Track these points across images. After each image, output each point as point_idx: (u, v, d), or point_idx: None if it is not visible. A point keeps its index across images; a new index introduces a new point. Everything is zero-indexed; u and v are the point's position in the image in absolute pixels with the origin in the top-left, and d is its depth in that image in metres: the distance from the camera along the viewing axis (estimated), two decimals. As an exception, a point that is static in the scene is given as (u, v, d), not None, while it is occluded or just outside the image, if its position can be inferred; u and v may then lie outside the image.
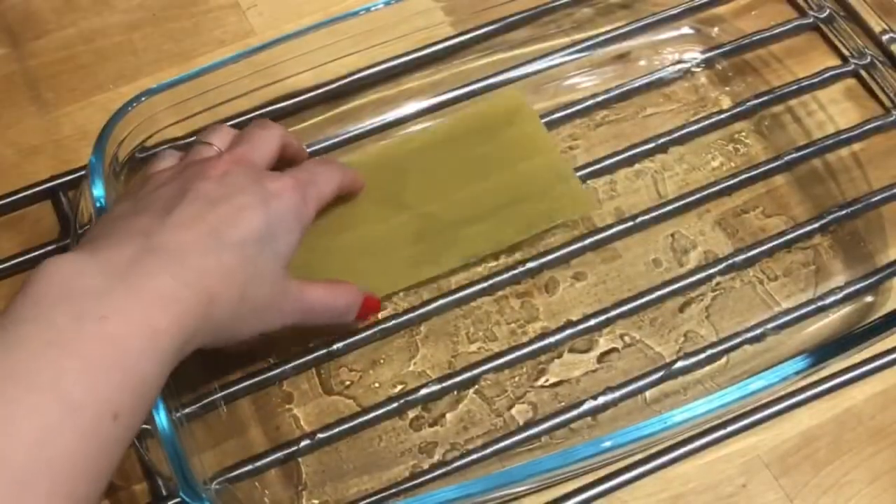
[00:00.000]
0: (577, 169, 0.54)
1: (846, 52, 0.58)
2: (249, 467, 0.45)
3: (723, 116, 0.56)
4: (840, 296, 0.50)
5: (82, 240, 0.40)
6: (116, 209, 0.42)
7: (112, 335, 0.35)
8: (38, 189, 0.53)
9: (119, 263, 0.37)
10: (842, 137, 0.55)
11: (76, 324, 0.34)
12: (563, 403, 0.48)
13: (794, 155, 0.55)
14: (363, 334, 0.49)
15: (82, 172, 0.52)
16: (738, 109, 0.56)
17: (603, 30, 0.59)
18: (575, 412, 0.47)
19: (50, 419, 0.32)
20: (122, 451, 0.35)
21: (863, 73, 0.58)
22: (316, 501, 0.45)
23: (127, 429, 0.35)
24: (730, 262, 0.51)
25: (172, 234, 0.39)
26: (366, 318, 0.48)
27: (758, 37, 0.59)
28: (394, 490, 0.45)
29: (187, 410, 0.46)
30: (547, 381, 0.49)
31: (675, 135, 0.55)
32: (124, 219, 0.40)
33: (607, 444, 0.41)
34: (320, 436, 0.46)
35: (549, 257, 0.51)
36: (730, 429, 0.47)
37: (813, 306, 0.50)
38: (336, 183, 0.48)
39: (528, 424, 0.47)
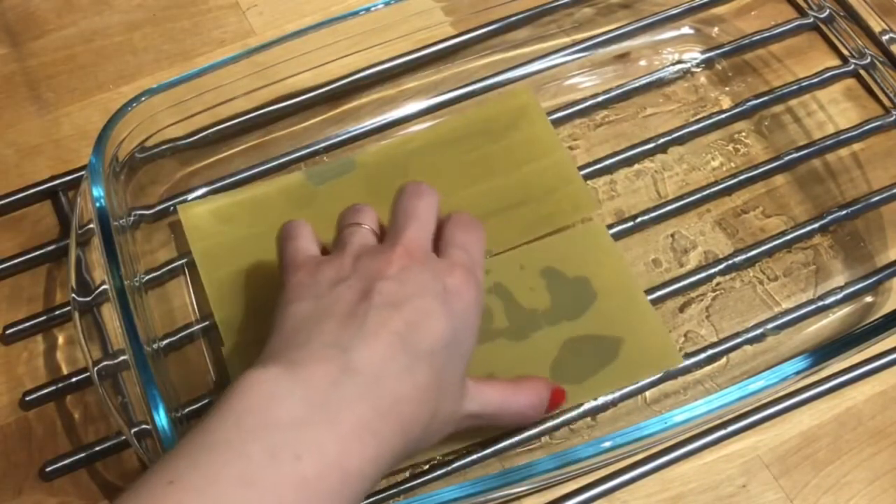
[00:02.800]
0: (578, 169, 0.54)
1: (846, 52, 0.58)
2: (249, 467, 0.45)
3: (723, 116, 0.56)
4: (840, 296, 0.50)
5: (271, 342, 0.38)
6: (295, 307, 0.39)
7: (305, 478, 0.33)
8: (38, 189, 0.53)
9: (318, 387, 0.35)
10: (842, 137, 0.55)
11: (271, 462, 0.32)
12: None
13: (794, 155, 0.55)
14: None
15: (82, 172, 0.52)
16: (738, 109, 0.56)
17: (603, 30, 0.59)
18: (575, 412, 0.47)
19: None
20: None
21: (863, 73, 0.58)
22: (316, 501, 0.45)
23: None
24: (730, 262, 0.51)
25: (365, 351, 0.36)
26: (553, 411, 0.45)
27: (758, 37, 0.59)
28: (394, 490, 0.45)
29: (187, 410, 0.46)
30: (547, 381, 0.49)
31: (675, 135, 0.55)
32: (310, 324, 0.38)
33: (607, 444, 0.41)
34: (320, 436, 0.46)
35: (549, 257, 0.51)
36: (730, 429, 0.47)
37: (813, 306, 0.50)
38: (483, 248, 0.44)
39: (528, 424, 0.47)
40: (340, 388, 0.35)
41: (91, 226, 0.46)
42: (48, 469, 0.46)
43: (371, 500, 0.45)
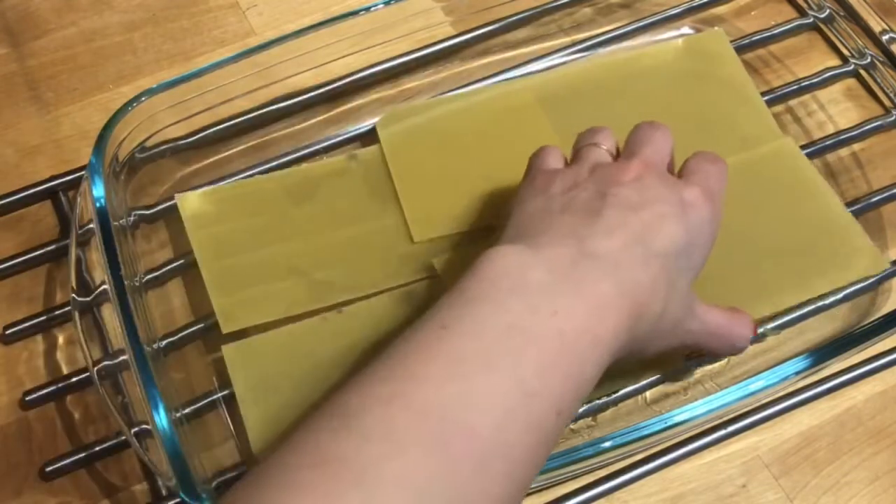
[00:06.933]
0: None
1: (846, 52, 0.58)
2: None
3: (723, 116, 0.56)
4: (840, 296, 0.50)
5: (506, 233, 0.41)
6: (530, 204, 0.42)
7: (562, 332, 0.35)
8: (38, 189, 0.53)
9: (560, 263, 0.37)
10: (842, 137, 0.55)
11: (531, 313, 0.35)
12: (563, 403, 0.48)
13: (795, 155, 0.55)
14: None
15: (82, 172, 0.52)
16: (739, 109, 0.56)
17: (603, 30, 0.59)
18: (575, 412, 0.47)
19: (509, 403, 0.33)
20: (554, 446, 0.36)
21: (863, 73, 0.58)
22: (316, 501, 0.45)
23: (563, 426, 0.35)
24: (730, 262, 0.51)
25: (603, 241, 0.38)
26: (743, 349, 0.45)
27: (758, 37, 0.59)
28: (394, 490, 0.45)
29: (187, 410, 0.46)
30: (547, 381, 0.49)
31: (676, 135, 0.55)
32: (547, 216, 0.41)
33: (607, 444, 0.41)
34: (320, 436, 0.46)
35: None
36: (730, 429, 0.47)
37: (813, 306, 0.50)
38: (724, 180, 0.45)
39: (528, 424, 0.47)
40: (581, 267, 0.37)
41: (91, 226, 0.46)
42: (48, 469, 0.46)
43: (371, 500, 0.45)
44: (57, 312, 0.50)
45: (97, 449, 0.46)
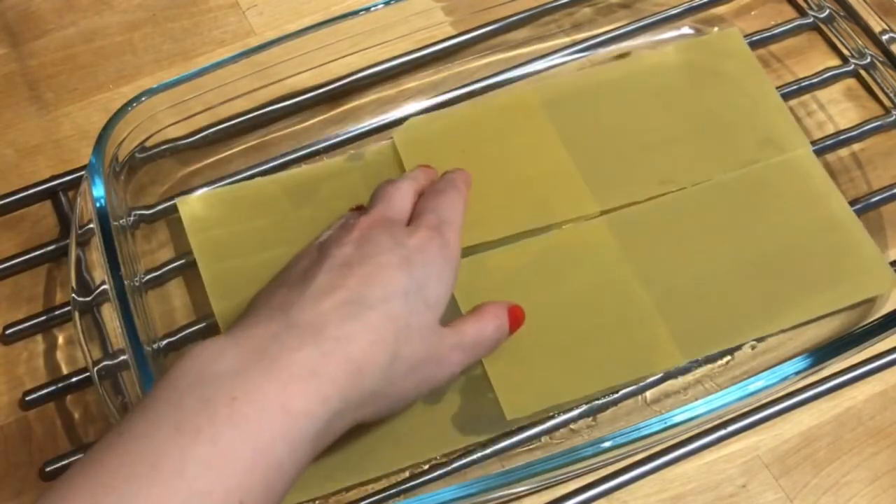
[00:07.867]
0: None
1: (846, 52, 0.58)
2: (249, 467, 0.45)
3: (723, 116, 0.56)
4: (840, 296, 0.50)
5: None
6: (262, 291, 0.42)
7: (242, 418, 0.34)
8: (38, 189, 0.53)
9: (257, 343, 0.36)
10: (842, 137, 0.55)
11: (205, 407, 0.34)
12: (563, 403, 0.48)
13: (795, 155, 0.55)
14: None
15: (82, 172, 0.52)
16: (739, 109, 0.56)
17: (603, 30, 0.59)
18: (575, 412, 0.47)
19: None
20: None
21: (863, 73, 0.58)
22: (316, 501, 0.45)
23: None
24: (730, 262, 0.51)
25: (311, 306, 0.38)
26: (516, 329, 0.46)
27: (758, 37, 0.59)
28: (394, 490, 0.45)
29: (187, 410, 0.46)
30: (547, 381, 0.49)
31: (676, 135, 0.55)
32: (265, 298, 0.41)
33: (607, 444, 0.41)
34: (320, 436, 0.46)
35: (549, 257, 0.51)
36: (730, 429, 0.47)
37: (813, 306, 0.50)
38: (462, 207, 0.47)
39: (528, 424, 0.47)
40: (280, 340, 0.36)
41: (91, 226, 0.46)
42: (48, 469, 0.46)
43: (371, 499, 0.45)
44: (57, 312, 0.50)
45: (97, 449, 0.46)
